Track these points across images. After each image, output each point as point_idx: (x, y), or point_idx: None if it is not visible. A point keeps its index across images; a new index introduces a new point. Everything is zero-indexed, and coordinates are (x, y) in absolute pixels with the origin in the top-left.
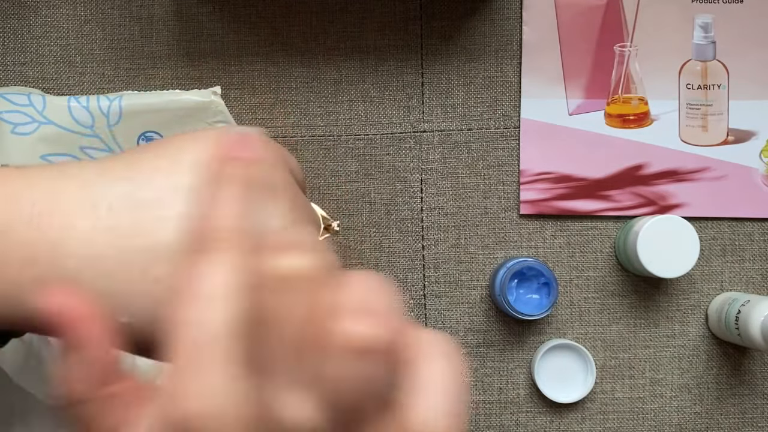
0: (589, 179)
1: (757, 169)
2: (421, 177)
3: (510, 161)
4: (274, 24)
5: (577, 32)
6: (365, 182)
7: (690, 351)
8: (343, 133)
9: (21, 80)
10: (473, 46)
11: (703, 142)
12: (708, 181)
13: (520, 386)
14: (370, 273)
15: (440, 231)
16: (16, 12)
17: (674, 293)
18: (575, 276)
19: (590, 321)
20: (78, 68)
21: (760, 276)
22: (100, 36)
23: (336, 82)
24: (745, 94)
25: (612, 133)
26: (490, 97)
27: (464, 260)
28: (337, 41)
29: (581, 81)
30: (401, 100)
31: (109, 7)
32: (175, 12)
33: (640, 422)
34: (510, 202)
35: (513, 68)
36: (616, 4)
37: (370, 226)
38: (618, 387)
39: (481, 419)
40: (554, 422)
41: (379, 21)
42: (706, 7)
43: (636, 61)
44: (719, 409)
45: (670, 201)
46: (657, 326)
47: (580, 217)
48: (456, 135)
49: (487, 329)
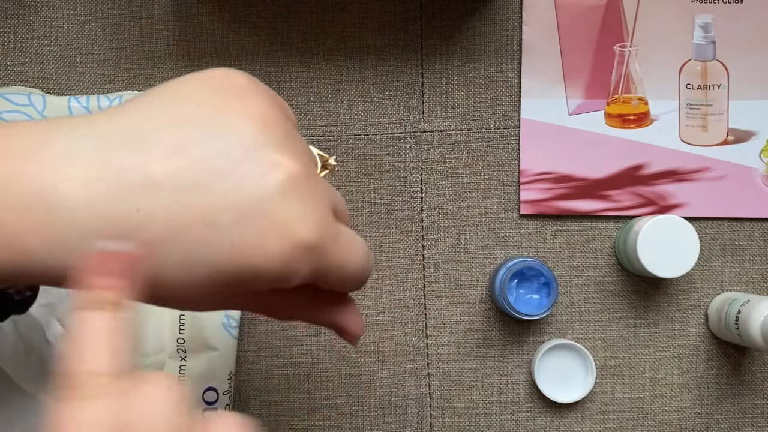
0: (589, 179)
1: (757, 169)
2: (421, 177)
3: (510, 161)
4: (274, 24)
5: (577, 32)
6: (365, 182)
7: (690, 351)
8: (343, 133)
9: (21, 80)
10: (473, 46)
11: (703, 142)
12: (708, 181)
13: (520, 386)
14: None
15: (440, 231)
16: (16, 12)
17: (674, 293)
18: (575, 276)
19: (590, 321)
20: (78, 68)
21: (760, 276)
22: (100, 36)
23: (336, 82)
24: (745, 94)
25: (612, 133)
26: (490, 97)
27: (464, 260)
28: (337, 41)
29: (581, 81)
30: (401, 100)
31: (109, 7)
32: (175, 12)
33: (640, 422)
34: (510, 202)
35: (513, 68)
36: (616, 4)
37: (370, 226)
38: (618, 387)
39: (481, 419)
40: (554, 422)
41: (379, 21)
42: (706, 7)
43: (636, 61)
44: (719, 409)
45: (670, 201)
46: (657, 326)
47: (580, 217)
48: (456, 135)
49: (487, 329)
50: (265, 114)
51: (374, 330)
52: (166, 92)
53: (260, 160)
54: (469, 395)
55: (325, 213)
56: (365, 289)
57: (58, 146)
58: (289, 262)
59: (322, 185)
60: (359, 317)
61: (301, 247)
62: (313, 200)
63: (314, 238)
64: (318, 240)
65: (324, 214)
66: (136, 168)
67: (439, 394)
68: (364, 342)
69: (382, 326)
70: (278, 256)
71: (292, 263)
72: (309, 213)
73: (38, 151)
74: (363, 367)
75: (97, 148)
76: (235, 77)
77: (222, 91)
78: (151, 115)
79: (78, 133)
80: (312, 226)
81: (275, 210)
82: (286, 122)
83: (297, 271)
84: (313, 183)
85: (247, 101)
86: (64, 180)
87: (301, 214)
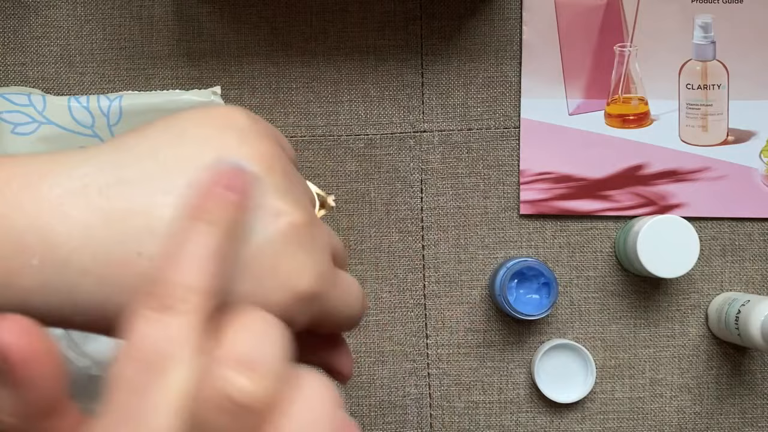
0: (589, 179)
1: (757, 169)
2: (421, 177)
3: (510, 161)
4: (274, 24)
5: (577, 32)
6: (365, 182)
7: (690, 351)
8: (343, 133)
9: (21, 80)
10: (473, 46)
11: (703, 142)
12: (708, 181)
13: (520, 386)
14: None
15: (440, 231)
16: (16, 12)
17: (674, 293)
18: (575, 276)
19: (590, 321)
20: (78, 68)
21: (760, 276)
22: (100, 36)
23: (336, 82)
24: (745, 94)
25: (612, 133)
26: (490, 97)
27: (464, 260)
28: (337, 41)
29: (581, 81)
30: (401, 100)
31: (109, 7)
32: (175, 12)
33: (640, 422)
34: (510, 202)
35: (513, 68)
36: (616, 4)
37: (370, 226)
38: (618, 387)
39: (481, 419)
40: (554, 422)
41: (379, 21)
42: (706, 7)
43: (636, 61)
44: (719, 409)
45: (670, 201)
46: (657, 326)
47: (580, 217)
48: (456, 135)
49: (487, 329)
50: (268, 157)
51: (374, 330)
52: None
53: (262, 207)
54: (469, 395)
55: (325, 261)
56: (365, 289)
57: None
58: (289, 314)
59: (321, 231)
60: (350, 358)
61: (302, 299)
62: (313, 249)
63: (315, 289)
64: (319, 290)
65: (324, 262)
66: (139, 211)
67: (439, 394)
68: (364, 342)
69: (382, 326)
70: (278, 308)
71: (292, 314)
72: (309, 263)
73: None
74: (363, 367)
75: (98, 189)
76: (237, 116)
77: (225, 130)
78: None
79: (80, 171)
80: (313, 277)
81: (276, 260)
82: (287, 164)
83: (296, 322)
84: (313, 230)
85: (251, 143)
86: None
87: (301, 265)
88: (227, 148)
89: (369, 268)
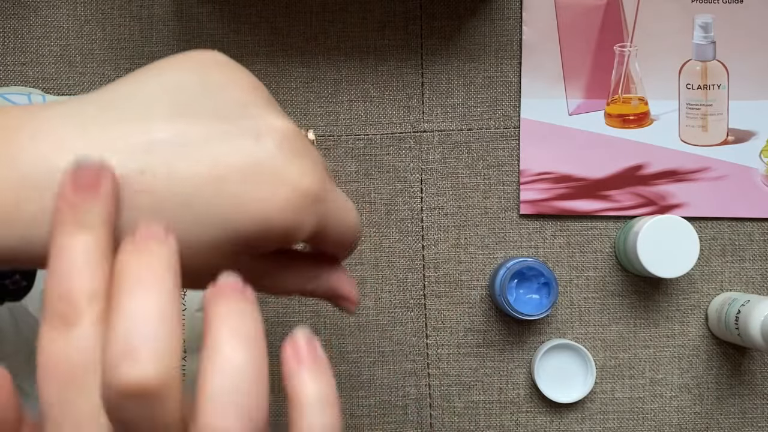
0: (589, 179)
1: (757, 169)
2: (421, 177)
3: (510, 161)
4: (274, 24)
5: (577, 32)
6: (365, 182)
7: (690, 351)
8: (343, 133)
9: (21, 80)
10: (473, 46)
11: (703, 142)
12: (708, 181)
13: (520, 386)
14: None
15: (440, 231)
16: (16, 12)
17: (674, 293)
18: (575, 276)
19: (590, 321)
20: (78, 68)
21: (760, 276)
22: (100, 36)
23: (336, 82)
24: (745, 94)
25: (612, 133)
26: (490, 97)
27: (464, 260)
28: (337, 41)
29: (581, 81)
30: (401, 100)
31: (109, 7)
32: (175, 12)
33: (640, 422)
34: (510, 202)
35: (513, 68)
36: (616, 4)
37: (370, 226)
38: (618, 387)
39: (481, 419)
40: (554, 422)
41: (379, 21)
42: (706, 7)
43: (636, 61)
44: (719, 409)
45: (670, 201)
46: (657, 326)
47: (580, 217)
48: (456, 135)
49: (487, 329)
50: (252, 80)
51: (374, 330)
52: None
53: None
54: (469, 395)
55: (321, 167)
56: (365, 289)
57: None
58: (298, 212)
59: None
60: (354, 284)
61: (308, 196)
62: (309, 156)
63: (318, 188)
64: (321, 190)
65: (322, 169)
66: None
67: (439, 394)
68: (364, 342)
69: (382, 326)
70: (289, 205)
71: (301, 212)
72: (308, 166)
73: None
74: (363, 367)
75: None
76: (216, 54)
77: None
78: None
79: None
80: (314, 177)
81: (277, 165)
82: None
83: (305, 221)
84: (305, 141)
85: (231, 71)
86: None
87: (301, 167)
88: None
89: (369, 268)
